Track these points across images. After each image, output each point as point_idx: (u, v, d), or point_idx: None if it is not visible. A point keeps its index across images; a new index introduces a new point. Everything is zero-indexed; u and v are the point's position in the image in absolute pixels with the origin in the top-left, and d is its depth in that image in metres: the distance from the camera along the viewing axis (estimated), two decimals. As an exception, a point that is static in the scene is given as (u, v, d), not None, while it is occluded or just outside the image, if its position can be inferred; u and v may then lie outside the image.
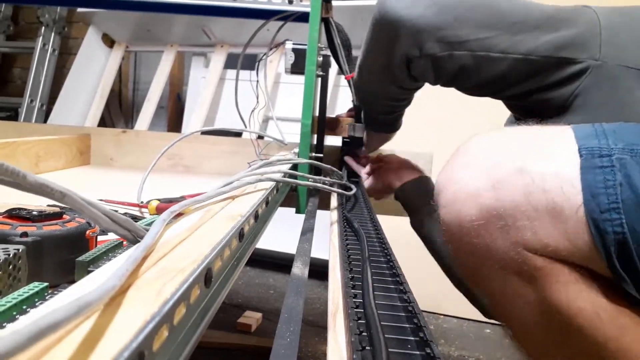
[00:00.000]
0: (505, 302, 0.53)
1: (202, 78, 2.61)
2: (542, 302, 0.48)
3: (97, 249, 0.34)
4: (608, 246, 0.44)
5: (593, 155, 0.46)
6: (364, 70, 0.87)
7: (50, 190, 0.25)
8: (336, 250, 0.50)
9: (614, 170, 0.45)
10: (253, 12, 1.19)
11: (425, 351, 0.28)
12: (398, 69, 0.77)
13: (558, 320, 0.48)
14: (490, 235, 0.49)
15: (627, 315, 0.46)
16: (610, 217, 0.44)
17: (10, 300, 0.25)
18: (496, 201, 0.48)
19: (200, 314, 0.29)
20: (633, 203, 0.44)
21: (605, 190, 0.44)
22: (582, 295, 0.47)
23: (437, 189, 0.56)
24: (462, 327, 1.71)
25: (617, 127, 0.49)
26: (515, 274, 0.49)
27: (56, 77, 2.87)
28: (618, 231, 0.44)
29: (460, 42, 0.69)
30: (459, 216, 0.51)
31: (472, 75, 0.72)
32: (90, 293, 0.20)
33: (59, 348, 0.18)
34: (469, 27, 0.69)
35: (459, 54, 0.70)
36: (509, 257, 0.49)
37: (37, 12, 2.82)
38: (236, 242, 0.39)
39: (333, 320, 0.34)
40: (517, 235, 0.48)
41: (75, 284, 0.25)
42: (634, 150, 0.46)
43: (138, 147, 1.25)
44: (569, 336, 0.48)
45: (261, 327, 1.58)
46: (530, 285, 0.49)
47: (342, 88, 2.25)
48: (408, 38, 0.72)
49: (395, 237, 0.62)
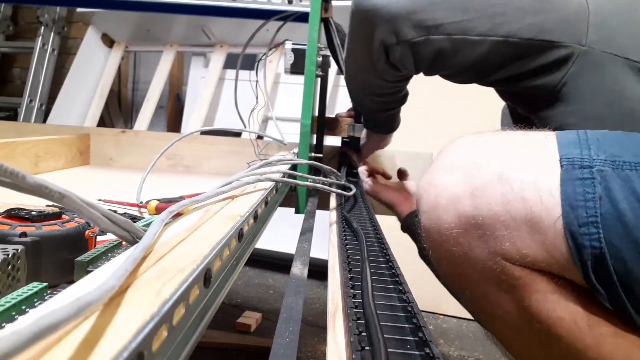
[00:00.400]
0: (486, 310, 0.52)
1: (202, 78, 2.61)
2: (522, 311, 0.48)
3: (97, 249, 0.34)
4: (585, 260, 0.44)
5: (574, 167, 0.46)
6: (348, 66, 0.85)
7: (49, 191, 0.25)
8: (335, 250, 0.50)
9: (594, 182, 0.45)
10: (252, 12, 1.19)
11: (424, 351, 0.28)
12: (377, 59, 0.75)
13: (538, 329, 0.48)
14: (469, 244, 0.49)
15: (604, 324, 0.46)
16: (588, 231, 0.44)
17: (9, 300, 0.25)
18: (475, 209, 0.48)
19: (199, 314, 0.29)
20: (612, 217, 0.43)
21: (585, 203, 0.44)
22: (560, 305, 0.47)
23: (418, 193, 0.55)
24: (462, 327, 1.71)
25: (601, 135, 0.48)
26: (495, 283, 0.49)
27: (55, 77, 2.87)
28: (595, 245, 0.43)
29: (436, 25, 0.67)
30: (438, 223, 0.51)
31: (451, 60, 0.70)
32: (89, 293, 0.20)
33: (58, 348, 0.18)
34: (444, 9, 0.67)
35: (435, 38, 0.68)
36: (487, 267, 0.48)
37: (37, 12, 2.82)
38: (235, 242, 0.39)
39: (332, 320, 0.34)
40: (495, 244, 0.47)
41: (74, 284, 0.25)
42: (616, 162, 0.45)
43: (137, 147, 1.25)
44: (550, 344, 0.48)
45: (260, 327, 1.58)
46: (509, 294, 0.49)
47: (342, 88, 2.25)
48: (383, 25, 0.70)
49: (394, 237, 0.62)
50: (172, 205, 0.41)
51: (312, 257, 0.53)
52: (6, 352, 0.15)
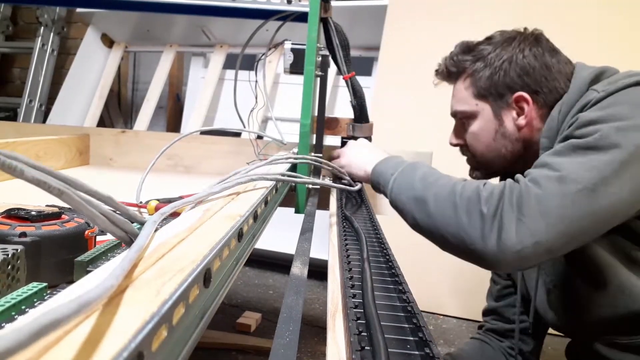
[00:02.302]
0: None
1: (201, 78, 2.61)
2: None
3: (96, 249, 0.34)
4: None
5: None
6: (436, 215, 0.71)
7: (48, 187, 0.25)
8: (335, 250, 0.50)
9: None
10: (252, 12, 1.19)
11: (424, 351, 0.28)
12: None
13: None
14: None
15: None
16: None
17: (9, 300, 0.25)
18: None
19: (199, 314, 0.29)
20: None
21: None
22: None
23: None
24: (462, 327, 1.71)
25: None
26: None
27: (55, 77, 2.87)
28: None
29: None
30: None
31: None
32: (89, 292, 0.20)
33: (58, 348, 0.18)
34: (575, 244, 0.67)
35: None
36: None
37: (36, 12, 2.82)
38: (235, 242, 0.39)
39: (332, 321, 0.34)
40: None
41: (73, 284, 0.25)
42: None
43: (137, 147, 1.25)
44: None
45: (260, 327, 1.58)
46: None
47: (341, 88, 2.26)
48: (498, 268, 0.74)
49: (394, 238, 0.62)
50: (166, 206, 0.41)
51: (312, 257, 0.53)
52: (7, 349, 0.14)
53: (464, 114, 0.87)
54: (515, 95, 0.80)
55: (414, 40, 1.93)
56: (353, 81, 1.03)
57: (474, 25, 1.95)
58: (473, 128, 0.86)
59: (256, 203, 0.50)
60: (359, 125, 1.05)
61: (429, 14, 1.94)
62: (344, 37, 1.02)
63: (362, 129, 1.05)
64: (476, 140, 0.86)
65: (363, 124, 1.05)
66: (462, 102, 0.86)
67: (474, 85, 0.84)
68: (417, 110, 1.88)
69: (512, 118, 0.82)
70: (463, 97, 0.86)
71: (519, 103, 0.81)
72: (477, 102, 0.84)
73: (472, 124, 0.86)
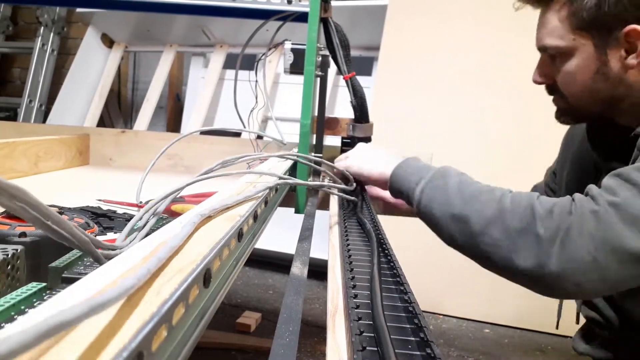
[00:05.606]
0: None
1: (202, 78, 2.61)
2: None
3: (71, 254, 0.34)
4: None
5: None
6: (484, 231, 0.63)
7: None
8: (336, 250, 0.50)
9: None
10: (252, 12, 1.19)
11: (425, 351, 0.28)
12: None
13: None
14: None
15: None
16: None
17: (8, 300, 0.25)
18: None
19: (199, 314, 0.29)
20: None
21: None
22: None
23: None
24: (462, 327, 1.71)
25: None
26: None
27: (55, 77, 2.87)
28: None
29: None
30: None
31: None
32: (108, 292, 0.20)
33: (58, 348, 0.18)
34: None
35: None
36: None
37: (36, 12, 2.81)
38: (235, 242, 0.39)
39: (332, 321, 0.34)
40: None
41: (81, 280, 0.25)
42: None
43: (137, 147, 1.25)
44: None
45: (260, 327, 1.58)
46: None
47: (341, 88, 2.26)
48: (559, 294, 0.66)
49: (395, 237, 0.62)
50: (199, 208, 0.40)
51: (312, 257, 0.53)
52: (10, 351, 0.14)
53: (557, 50, 0.72)
54: (627, 29, 0.66)
55: (414, 40, 1.93)
56: (353, 81, 1.02)
57: (474, 25, 1.95)
58: (568, 67, 0.72)
59: (256, 203, 0.50)
60: (359, 125, 1.05)
61: (429, 14, 1.94)
62: (344, 37, 1.02)
63: (363, 129, 1.05)
64: (571, 81, 0.73)
65: (363, 124, 1.05)
66: (555, 35, 0.72)
67: (574, 15, 0.69)
68: (417, 110, 1.88)
69: (620, 56, 0.68)
70: (556, 30, 0.72)
71: (629, 38, 0.66)
72: (575, 36, 0.70)
73: (566, 62, 0.72)
